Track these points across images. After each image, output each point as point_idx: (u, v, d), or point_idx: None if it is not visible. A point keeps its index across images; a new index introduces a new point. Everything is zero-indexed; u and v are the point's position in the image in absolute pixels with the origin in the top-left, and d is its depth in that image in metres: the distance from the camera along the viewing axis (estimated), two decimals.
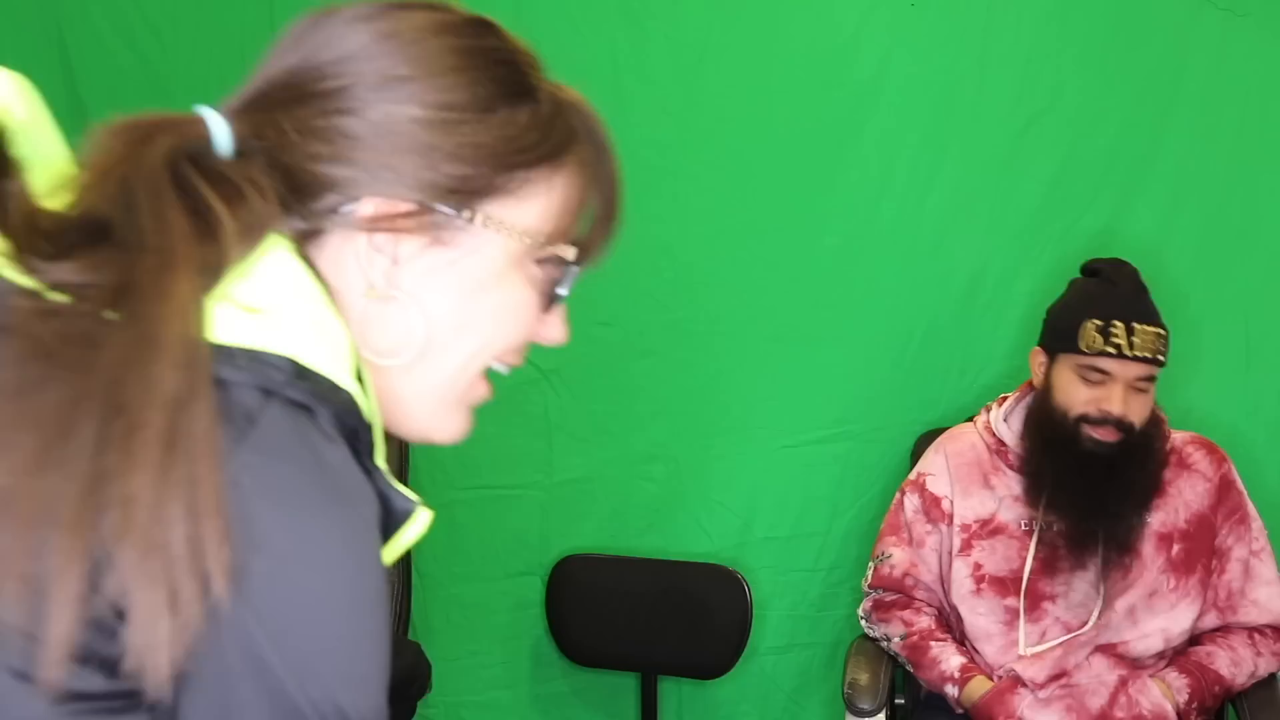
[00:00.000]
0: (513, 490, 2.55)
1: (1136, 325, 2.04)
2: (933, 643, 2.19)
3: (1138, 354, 2.03)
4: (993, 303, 2.47)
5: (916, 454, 2.44)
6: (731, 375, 2.51)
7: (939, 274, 2.47)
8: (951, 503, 2.21)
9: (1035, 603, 2.14)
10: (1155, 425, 2.14)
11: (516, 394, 2.51)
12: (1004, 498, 2.18)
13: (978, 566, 2.17)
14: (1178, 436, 2.22)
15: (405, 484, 2.36)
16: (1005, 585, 2.16)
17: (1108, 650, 2.12)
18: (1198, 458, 2.20)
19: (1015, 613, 2.14)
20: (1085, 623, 2.11)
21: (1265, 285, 2.43)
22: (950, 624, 2.23)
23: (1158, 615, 2.13)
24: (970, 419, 2.30)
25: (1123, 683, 2.10)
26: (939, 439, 2.30)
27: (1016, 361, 2.43)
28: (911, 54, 2.41)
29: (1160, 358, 2.06)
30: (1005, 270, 2.46)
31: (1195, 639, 2.18)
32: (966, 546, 2.19)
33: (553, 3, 2.40)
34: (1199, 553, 2.16)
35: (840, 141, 2.44)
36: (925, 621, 2.21)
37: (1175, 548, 2.15)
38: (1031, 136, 2.42)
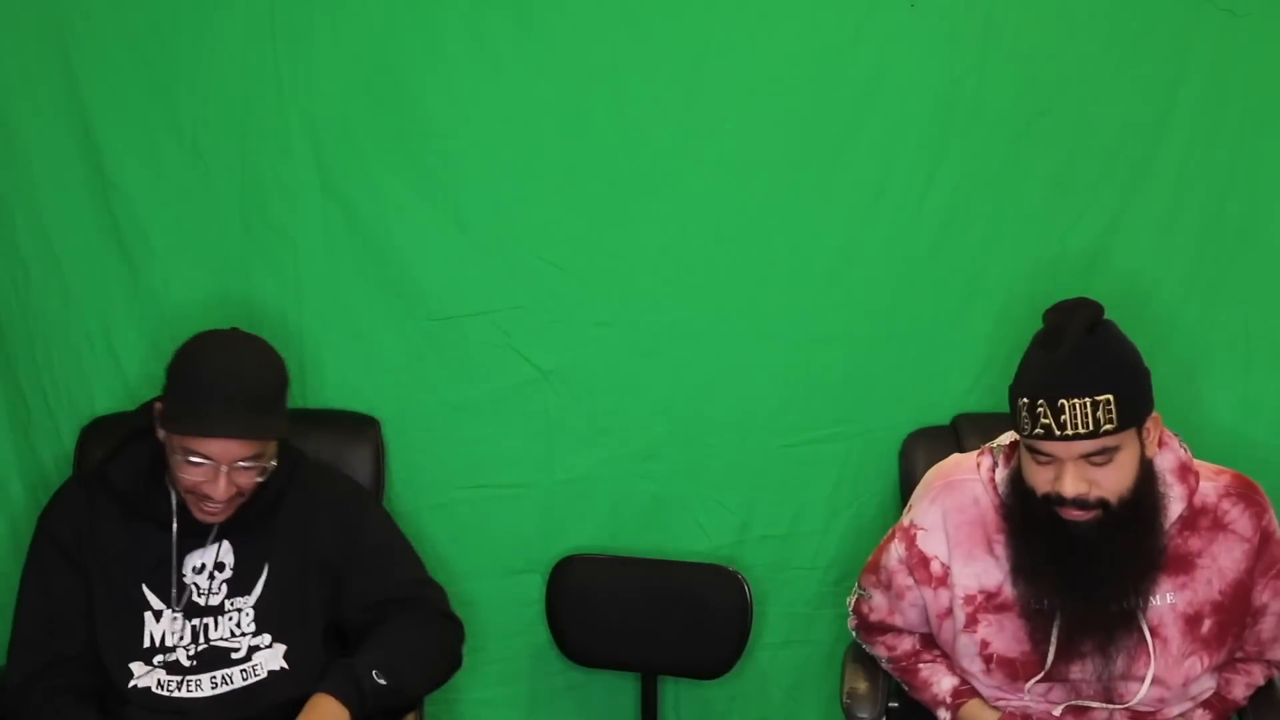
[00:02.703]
0: (513, 490, 2.55)
1: (1064, 401, 1.79)
2: (921, 665, 2.12)
3: (1069, 433, 1.79)
4: (992, 304, 2.47)
5: (904, 454, 2.44)
6: (730, 375, 2.51)
7: (938, 275, 2.47)
8: (947, 568, 2.02)
9: (1050, 685, 1.99)
10: (1148, 488, 1.89)
11: (516, 394, 2.52)
12: (1010, 570, 1.97)
13: (985, 645, 2.00)
14: (1208, 489, 1.94)
15: (382, 492, 2.33)
16: (1017, 668, 1.98)
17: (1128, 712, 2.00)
18: (1234, 515, 1.94)
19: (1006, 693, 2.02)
20: (1103, 699, 1.98)
21: (1265, 285, 2.43)
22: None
23: (1190, 693, 1.99)
24: (966, 446, 2.18)
25: None
26: (935, 484, 2.07)
27: (1017, 363, 2.43)
28: (911, 54, 2.41)
29: (1106, 427, 1.79)
30: (1005, 271, 2.46)
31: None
32: (972, 623, 2.00)
33: (553, 2, 2.40)
34: (1232, 623, 1.96)
35: (840, 142, 2.43)
36: (908, 644, 2.15)
37: (1207, 624, 1.94)
38: (1031, 137, 2.42)
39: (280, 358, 2.08)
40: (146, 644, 2.05)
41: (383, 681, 1.98)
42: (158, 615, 2.06)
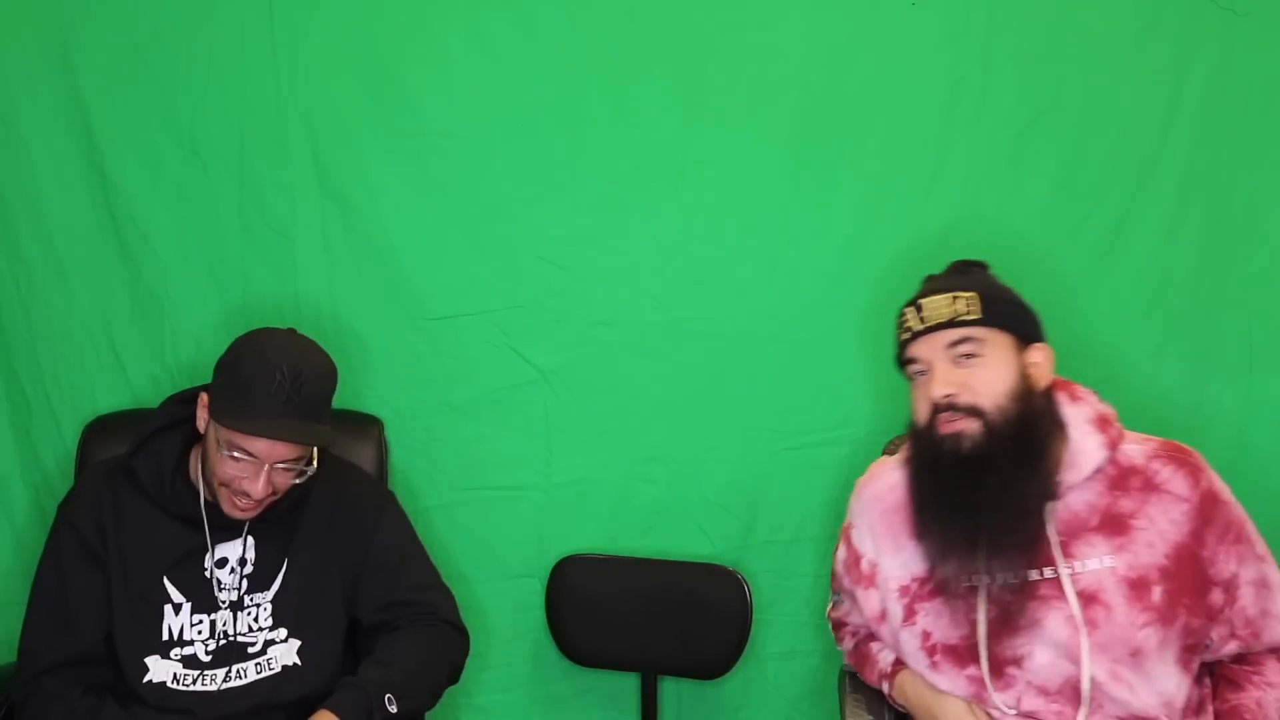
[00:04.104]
0: (512, 491, 2.54)
1: (924, 301, 1.86)
2: (873, 644, 2.09)
3: (931, 324, 1.84)
4: None
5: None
6: (732, 376, 2.50)
7: None
8: (875, 564, 1.99)
9: (999, 669, 1.86)
10: (1032, 410, 1.82)
11: (516, 395, 2.51)
12: (921, 545, 1.91)
13: (926, 636, 1.92)
14: (1133, 450, 1.86)
15: (388, 484, 2.34)
16: (961, 654, 1.89)
17: None
18: (1166, 475, 1.84)
19: (981, 682, 1.88)
20: (1058, 689, 1.84)
21: (1268, 285, 2.42)
22: None
23: (1153, 679, 1.82)
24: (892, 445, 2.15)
25: None
26: (861, 478, 2.06)
27: None
28: (912, 54, 2.41)
29: (965, 316, 1.82)
30: (1011, 271, 2.43)
31: (1213, 670, 1.92)
32: (910, 614, 1.94)
33: (553, 2, 2.40)
34: (1183, 592, 1.81)
35: (841, 142, 2.43)
36: (865, 632, 2.11)
37: (1156, 590, 1.80)
38: (1035, 136, 2.41)
39: (334, 363, 2.08)
40: (165, 637, 2.04)
41: (393, 710, 1.96)
42: (177, 609, 2.05)
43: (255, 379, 1.94)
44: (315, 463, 2.05)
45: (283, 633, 2.07)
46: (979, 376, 1.81)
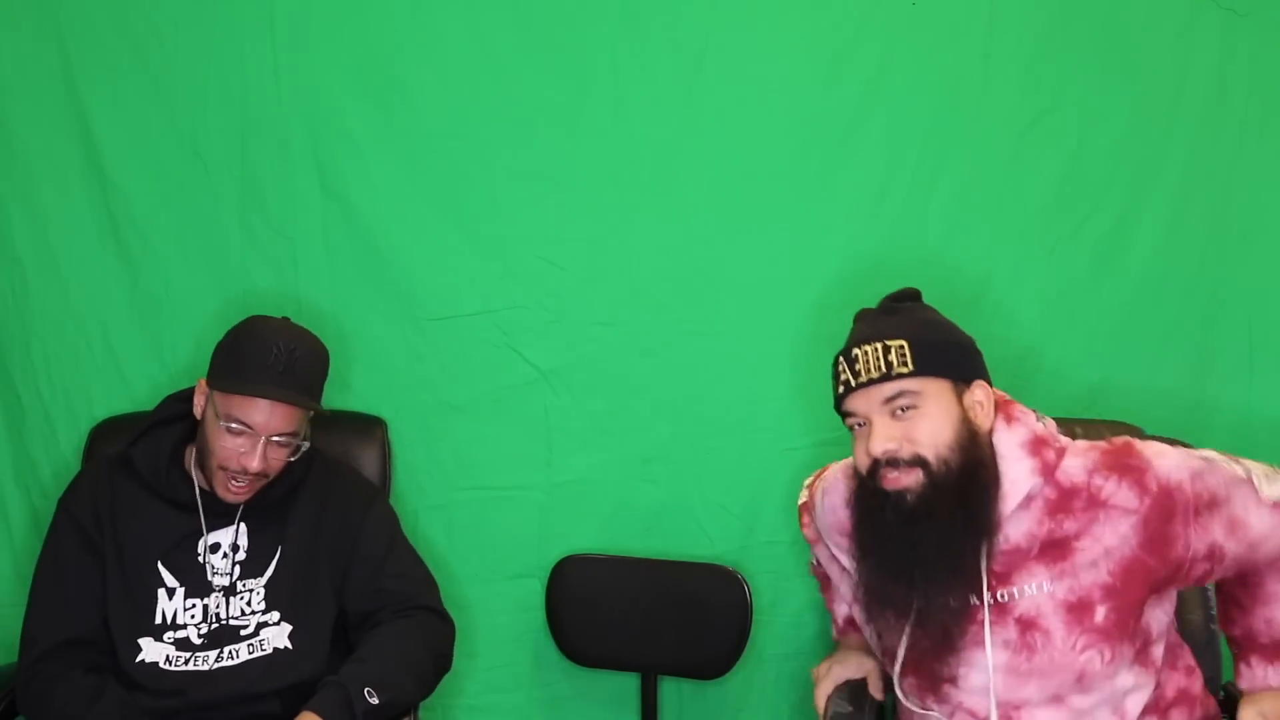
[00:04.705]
0: (512, 491, 2.54)
1: (857, 350, 1.81)
2: (835, 603, 2.14)
3: (864, 380, 1.79)
4: (1000, 305, 2.45)
5: None
6: (732, 376, 2.50)
7: (944, 275, 2.46)
8: (833, 557, 2.02)
9: (934, 685, 1.86)
10: (977, 456, 1.78)
11: (516, 395, 2.51)
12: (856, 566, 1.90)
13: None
14: (1074, 467, 1.80)
15: (389, 484, 2.35)
16: (902, 665, 1.89)
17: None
18: (1111, 489, 1.78)
19: (921, 692, 1.89)
20: (986, 715, 1.81)
21: (1268, 285, 2.42)
22: None
23: (1106, 694, 1.80)
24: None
25: None
26: (820, 482, 2.05)
27: (1029, 363, 2.42)
28: (912, 54, 2.40)
29: (900, 370, 1.77)
30: (1012, 272, 2.45)
31: (1219, 589, 1.93)
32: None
33: (553, 2, 2.40)
34: (1130, 607, 1.77)
35: (841, 142, 2.43)
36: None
37: (1100, 611, 1.76)
38: (1036, 136, 2.41)
39: (327, 352, 2.15)
40: (159, 620, 2.08)
41: (375, 701, 1.97)
42: (171, 593, 2.09)
43: (252, 353, 2.03)
44: (307, 443, 2.11)
45: (275, 615, 2.10)
46: (919, 428, 1.77)
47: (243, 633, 2.08)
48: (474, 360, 2.50)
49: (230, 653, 2.07)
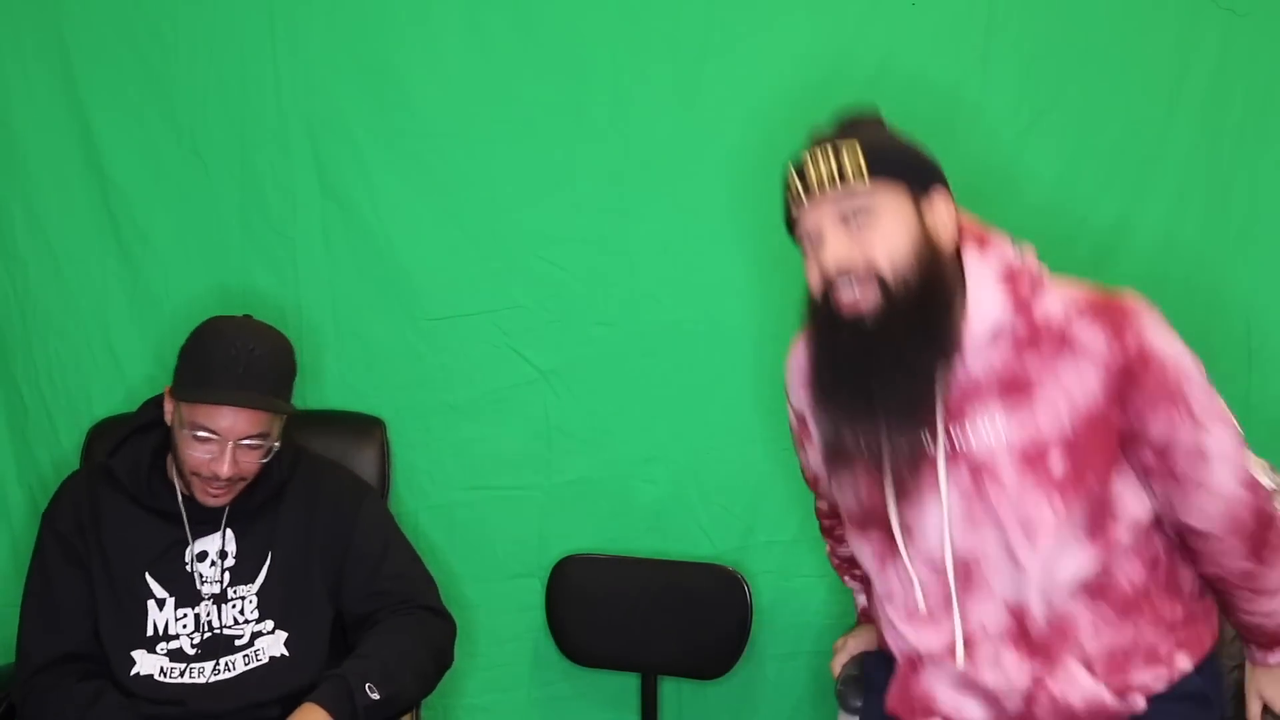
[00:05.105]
0: (512, 491, 2.54)
1: (807, 160, 1.68)
2: (846, 577, 2.16)
3: (813, 189, 1.67)
4: None
5: None
6: (733, 376, 2.50)
7: None
8: (805, 418, 1.89)
9: (880, 527, 1.77)
10: (937, 274, 1.65)
11: (516, 395, 2.51)
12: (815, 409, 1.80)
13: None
14: (1054, 304, 1.67)
15: (387, 493, 2.33)
16: (864, 523, 1.80)
17: (1016, 634, 1.71)
18: (1084, 333, 1.64)
19: (882, 558, 1.80)
20: (943, 561, 1.71)
21: (1267, 285, 2.42)
22: None
23: (1051, 555, 1.67)
24: None
25: (1038, 684, 1.71)
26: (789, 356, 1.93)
27: None
28: (912, 54, 2.40)
29: (850, 176, 1.64)
30: None
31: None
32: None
33: (553, 2, 2.40)
34: (1088, 462, 1.65)
35: None
36: (844, 550, 2.06)
37: (1055, 460, 1.64)
38: (1035, 136, 2.41)
39: (291, 346, 2.11)
40: (150, 632, 2.06)
41: (375, 696, 1.97)
42: (161, 604, 2.07)
43: (212, 356, 1.99)
44: (279, 441, 2.07)
45: (270, 624, 2.09)
46: (873, 240, 1.64)
47: (237, 643, 2.07)
48: (474, 360, 2.50)
49: (227, 664, 2.05)
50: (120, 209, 2.44)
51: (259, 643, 2.08)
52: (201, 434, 1.98)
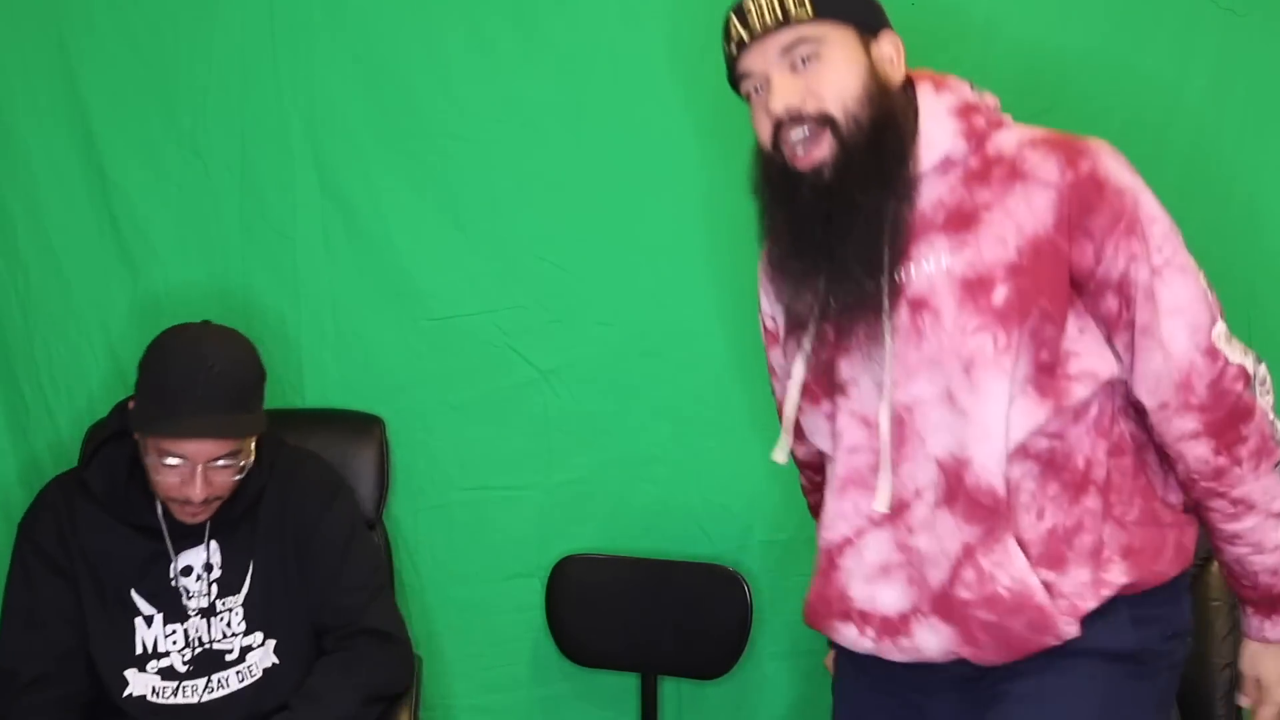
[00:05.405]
0: (512, 491, 2.54)
1: (748, 4, 1.59)
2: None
3: (757, 30, 1.58)
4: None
5: None
6: (733, 376, 2.50)
7: None
8: (773, 318, 1.82)
9: (831, 390, 1.67)
10: (888, 114, 1.57)
11: (516, 395, 2.51)
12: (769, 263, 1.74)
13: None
14: (1008, 139, 1.59)
15: (386, 492, 2.30)
16: (815, 392, 1.70)
17: (952, 494, 1.58)
18: (1036, 161, 1.55)
19: (832, 425, 1.69)
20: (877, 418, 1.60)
21: (1267, 284, 2.42)
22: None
23: (990, 399, 1.54)
24: None
25: (968, 553, 1.57)
26: None
27: None
28: (912, 53, 2.39)
29: (799, 13, 1.56)
30: None
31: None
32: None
33: (553, 2, 2.40)
34: (1037, 291, 1.53)
35: None
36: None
37: (999, 291, 1.53)
38: None
39: (254, 350, 2.03)
40: (139, 650, 2.02)
41: None
42: (149, 621, 2.03)
43: (169, 378, 1.91)
44: (253, 456, 2.01)
45: (259, 636, 2.06)
46: (822, 79, 1.56)
47: (228, 658, 2.04)
48: (474, 360, 2.49)
49: (219, 681, 2.03)
50: (120, 209, 2.44)
51: (250, 658, 2.05)
52: (169, 461, 1.92)
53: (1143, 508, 1.63)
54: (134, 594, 2.03)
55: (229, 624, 2.05)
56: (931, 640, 1.62)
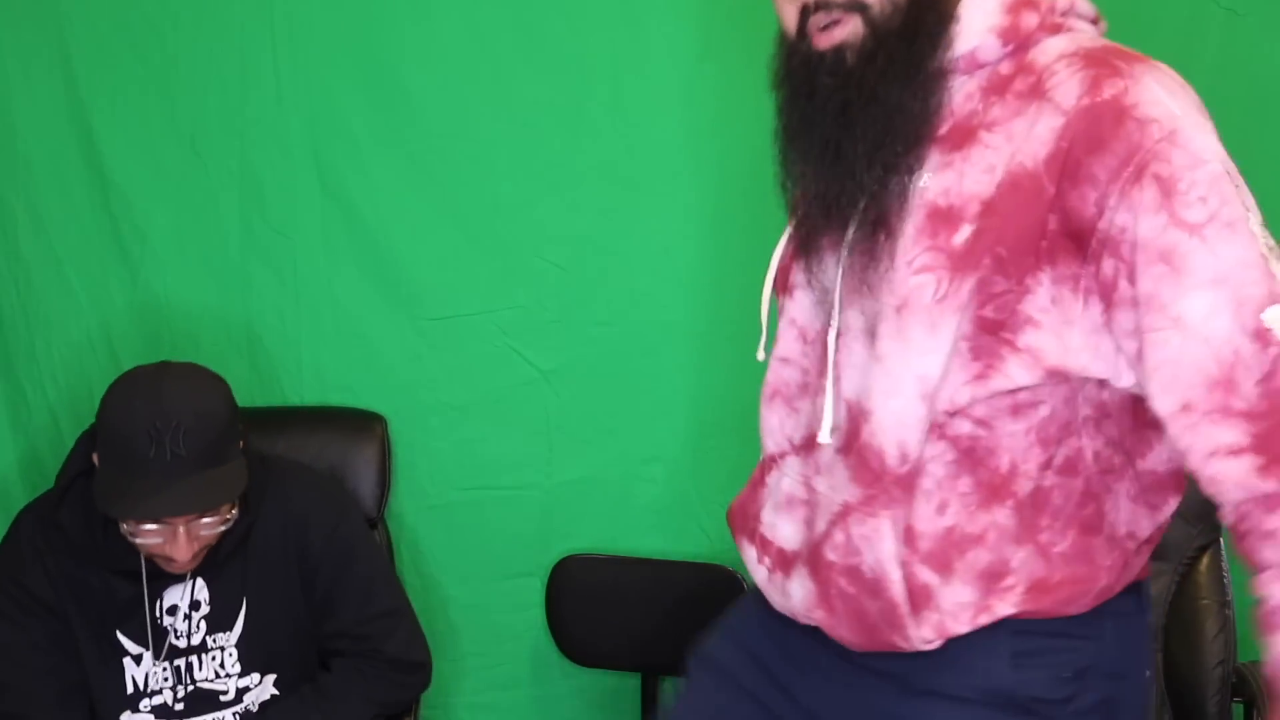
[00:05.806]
0: (512, 491, 2.54)
1: None
2: None
3: None
4: None
5: None
6: (733, 376, 2.49)
7: None
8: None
9: (783, 290, 1.53)
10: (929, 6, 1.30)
11: (516, 395, 2.51)
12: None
13: (792, 322, 1.55)
14: (1052, 48, 1.30)
15: (388, 490, 2.26)
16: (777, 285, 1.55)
17: (849, 444, 1.34)
18: (1061, 79, 1.25)
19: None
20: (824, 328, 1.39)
21: None
22: None
23: (911, 351, 1.27)
24: None
25: (845, 512, 1.34)
26: None
27: None
28: None
29: None
30: None
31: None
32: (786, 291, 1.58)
33: (553, 2, 2.40)
34: (999, 236, 1.23)
35: None
36: None
37: (964, 230, 1.25)
38: None
39: (221, 388, 1.88)
40: (130, 690, 1.97)
41: None
42: (138, 659, 1.98)
43: (129, 448, 1.75)
44: (238, 503, 1.90)
45: (255, 677, 2.03)
46: None
47: (223, 698, 1.99)
48: (474, 360, 2.49)
49: None
50: (120, 209, 2.44)
51: (247, 698, 2.01)
52: (146, 527, 1.80)
53: (1078, 542, 1.31)
54: (119, 635, 1.96)
55: (222, 664, 2.00)
56: (798, 592, 1.42)
